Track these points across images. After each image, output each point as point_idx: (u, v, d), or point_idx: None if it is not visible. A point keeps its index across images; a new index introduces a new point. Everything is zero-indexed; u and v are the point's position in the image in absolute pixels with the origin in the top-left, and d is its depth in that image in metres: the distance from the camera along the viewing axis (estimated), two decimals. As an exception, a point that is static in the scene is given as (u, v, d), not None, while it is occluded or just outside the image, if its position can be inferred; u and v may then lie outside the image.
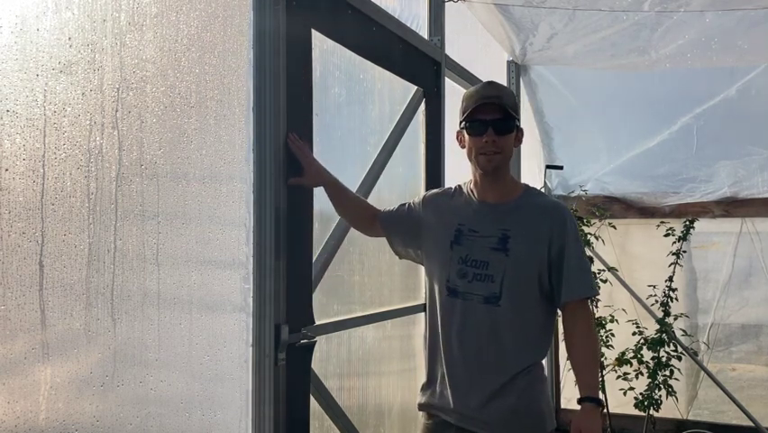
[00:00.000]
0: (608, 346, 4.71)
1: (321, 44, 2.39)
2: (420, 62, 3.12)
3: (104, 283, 1.52)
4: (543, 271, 2.08)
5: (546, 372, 2.29)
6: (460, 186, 2.27)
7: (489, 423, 2.06)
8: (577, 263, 2.10)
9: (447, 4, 3.43)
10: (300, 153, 2.14)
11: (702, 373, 4.84)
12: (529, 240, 2.08)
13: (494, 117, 2.08)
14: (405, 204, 2.35)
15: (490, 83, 2.19)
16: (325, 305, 2.48)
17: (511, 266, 2.06)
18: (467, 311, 2.09)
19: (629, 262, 5.06)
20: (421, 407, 2.23)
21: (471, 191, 2.20)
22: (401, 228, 2.31)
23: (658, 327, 4.63)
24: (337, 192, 2.30)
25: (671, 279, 4.69)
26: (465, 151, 2.17)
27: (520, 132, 2.18)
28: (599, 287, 4.69)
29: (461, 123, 2.16)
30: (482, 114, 2.09)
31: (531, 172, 4.96)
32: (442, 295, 2.15)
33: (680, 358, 4.61)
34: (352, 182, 2.65)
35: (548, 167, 4.87)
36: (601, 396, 4.57)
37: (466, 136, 2.14)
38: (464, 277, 2.10)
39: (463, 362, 2.09)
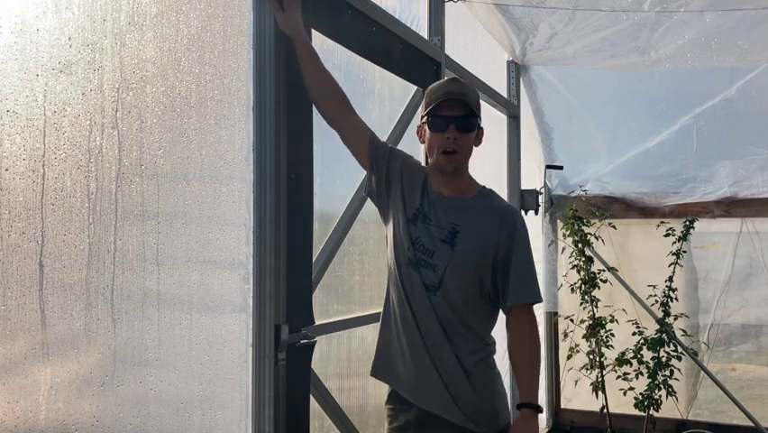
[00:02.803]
0: (608, 346, 4.71)
1: (321, 44, 2.39)
2: (420, 62, 3.12)
3: (104, 283, 1.52)
4: (485, 274, 2.09)
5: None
6: (427, 169, 2.22)
7: (420, 397, 2.12)
8: (525, 269, 2.11)
9: (447, 4, 3.43)
10: None
11: (702, 373, 4.84)
12: (476, 240, 2.08)
13: (457, 114, 2.06)
14: (389, 147, 2.25)
15: (455, 80, 2.17)
16: (325, 305, 2.48)
17: (454, 261, 2.07)
18: (412, 289, 2.10)
19: (629, 262, 5.06)
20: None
21: (430, 181, 2.18)
22: (379, 164, 2.20)
23: (658, 327, 4.63)
24: (307, 53, 2.13)
25: (671, 279, 4.69)
26: (425, 145, 2.14)
27: (481, 131, 2.16)
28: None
29: (422, 117, 2.14)
30: (446, 110, 2.06)
31: (531, 172, 4.96)
32: (395, 265, 2.15)
33: (680, 358, 4.61)
34: (352, 182, 2.65)
35: (548, 167, 4.87)
36: (601, 396, 4.65)
37: (427, 131, 2.10)
38: (413, 257, 2.11)
39: (405, 335, 2.12)
